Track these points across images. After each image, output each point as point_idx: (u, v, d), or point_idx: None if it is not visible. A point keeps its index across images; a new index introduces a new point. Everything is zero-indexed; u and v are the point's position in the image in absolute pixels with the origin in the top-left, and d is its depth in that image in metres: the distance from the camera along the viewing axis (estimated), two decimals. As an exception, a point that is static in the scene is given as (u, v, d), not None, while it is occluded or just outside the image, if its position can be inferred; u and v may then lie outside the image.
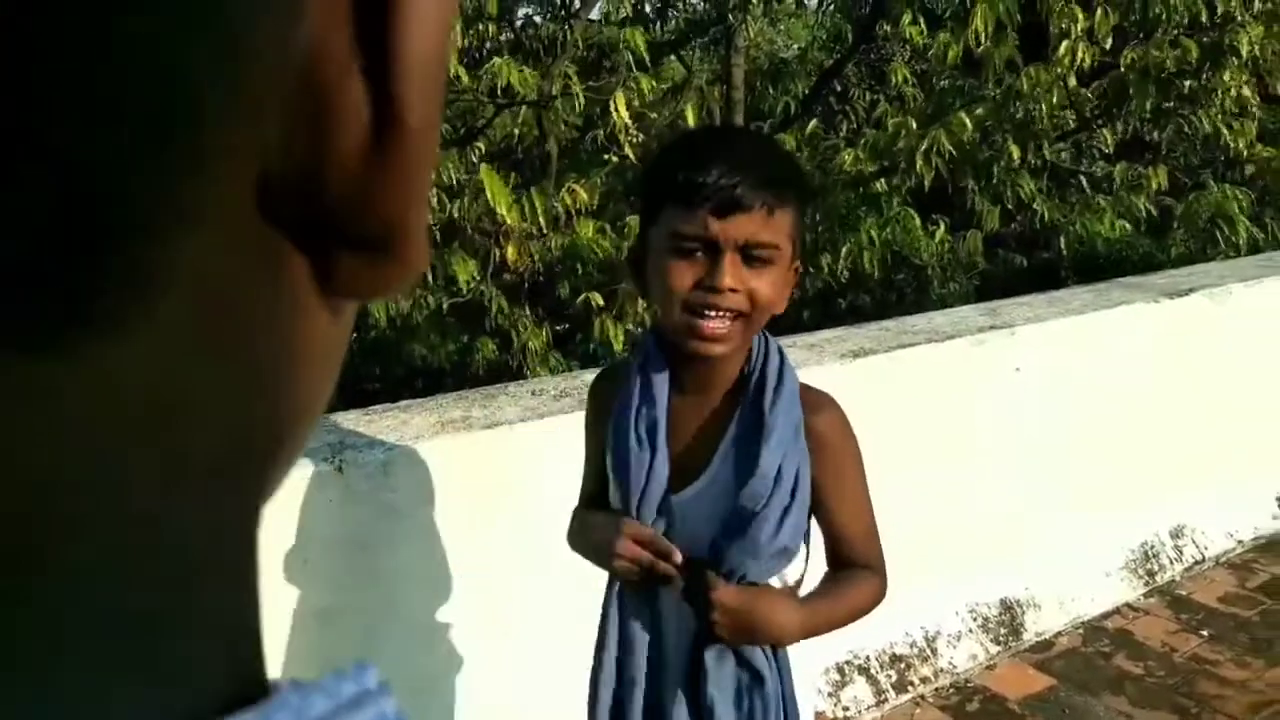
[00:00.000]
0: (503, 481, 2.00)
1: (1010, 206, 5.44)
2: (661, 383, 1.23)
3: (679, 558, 1.17)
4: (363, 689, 0.22)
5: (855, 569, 1.25)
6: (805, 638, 1.20)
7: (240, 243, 0.18)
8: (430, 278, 4.14)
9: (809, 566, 1.29)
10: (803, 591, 1.26)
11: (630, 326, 4.07)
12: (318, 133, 0.18)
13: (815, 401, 1.24)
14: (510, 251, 3.97)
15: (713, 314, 1.12)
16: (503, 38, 4.98)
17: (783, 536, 1.16)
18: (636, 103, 4.09)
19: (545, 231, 3.97)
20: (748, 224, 1.10)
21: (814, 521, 1.27)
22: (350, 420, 2.04)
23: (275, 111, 0.17)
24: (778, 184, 1.12)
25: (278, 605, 1.77)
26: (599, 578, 1.36)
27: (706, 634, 1.17)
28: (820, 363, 2.42)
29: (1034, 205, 5.58)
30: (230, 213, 0.18)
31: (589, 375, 2.40)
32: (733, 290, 1.11)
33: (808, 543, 1.27)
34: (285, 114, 0.18)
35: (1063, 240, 5.73)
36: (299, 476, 1.77)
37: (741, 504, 1.16)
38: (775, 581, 1.21)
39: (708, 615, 1.14)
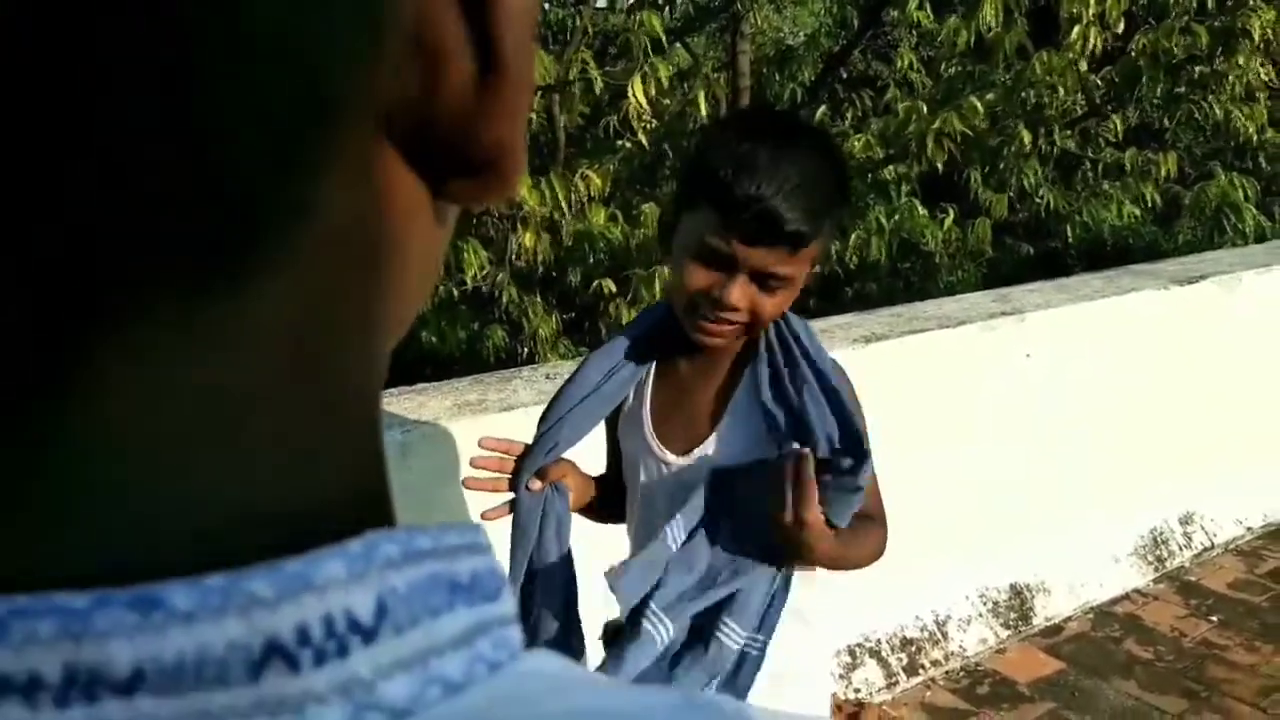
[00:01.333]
0: (518, 464, 2.01)
1: (1012, 195, 5.43)
2: (639, 343, 1.29)
3: (536, 485, 1.25)
4: (467, 542, 0.23)
5: (861, 519, 1.25)
6: (831, 566, 1.20)
7: (367, 177, 0.21)
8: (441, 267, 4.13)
9: None
10: None
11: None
12: (431, 75, 0.20)
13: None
14: (528, 238, 3.97)
15: (713, 320, 1.15)
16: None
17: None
18: (653, 90, 4.07)
19: (564, 217, 3.96)
20: (769, 256, 1.11)
21: None
22: (367, 403, 2.05)
23: (394, 58, 0.20)
24: (813, 219, 1.10)
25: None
26: (614, 554, 1.38)
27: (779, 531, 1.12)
28: (831, 348, 2.39)
29: (1040, 193, 5.57)
30: (358, 152, 0.20)
31: (602, 360, 2.41)
32: (736, 309, 1.14)
33: None
34: (404, 59, 0.20)
35: (1069, 228, 5.71)
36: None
37: (829, 446, 1.14)
38: None
39: (784, 518, 1.09)
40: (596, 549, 1.50)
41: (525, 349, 4.32)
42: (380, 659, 0.19)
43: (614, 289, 4.11)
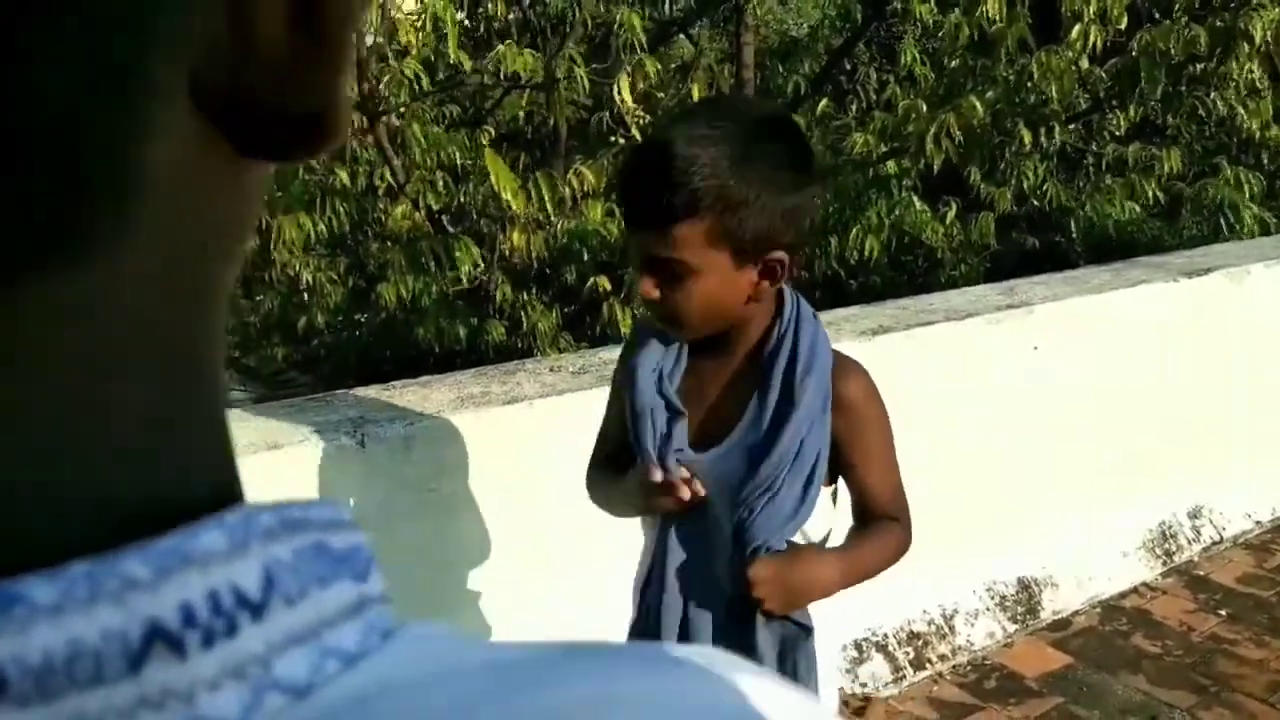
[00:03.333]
0: (521, 456, 1.99)
1: (1012, 194, 5.41)
2: (674, 345, 1.26)
3: (701, 490, 1.18)
4: (334, 517, 0.22)
5: (881, 520, 1.26)
6: (846, 586, 1.21)
7: (183, 136, 0.20)
8: (436, 263, 4.12)
9: (834, 522, 1.29)
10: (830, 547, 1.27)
11: (638, 311, 4.04)
12: (240, 25, 0.19)
13: (843, 366, 1.24)
14: (515, 238, 3.95)
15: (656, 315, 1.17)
16: (510, 16, 4.94)
17: (802, 508, 1.17)
18: (642, 85, 4.06)
19: (551, 219, 3.94)
20: (648, 241, 1.10)
21: (841, 480, 1.28)
22: (371, 395, 2.03)
23: (201, 8, 0.19)
24: (673, 198, 1.05)
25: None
26: (616, 547, 1.36)
27: (754, 606, 1.17)
28: (838, 340, 2.39)
29: (1044, 188, 5.55)
30: (172, 108, 0.19)
31: (607, 353, 2.39)
32: (650, 300, 1.13)
33: (834, 499, 1.27)
34: (211, 9, 0.19)
35: (1073, 223, 5.70)
36: (321, 449, 1.76)
37: (760, 476, 1.16)
38: (799, 538, 1.20)
39: (750, 593, 1.15)
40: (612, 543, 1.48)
41: (524, 344, 4.30)
42: (273, 635, 0.18)
43: (609, 287, 4.09)
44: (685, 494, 1.16)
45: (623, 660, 0.21)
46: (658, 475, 1.18)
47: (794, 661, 1.18)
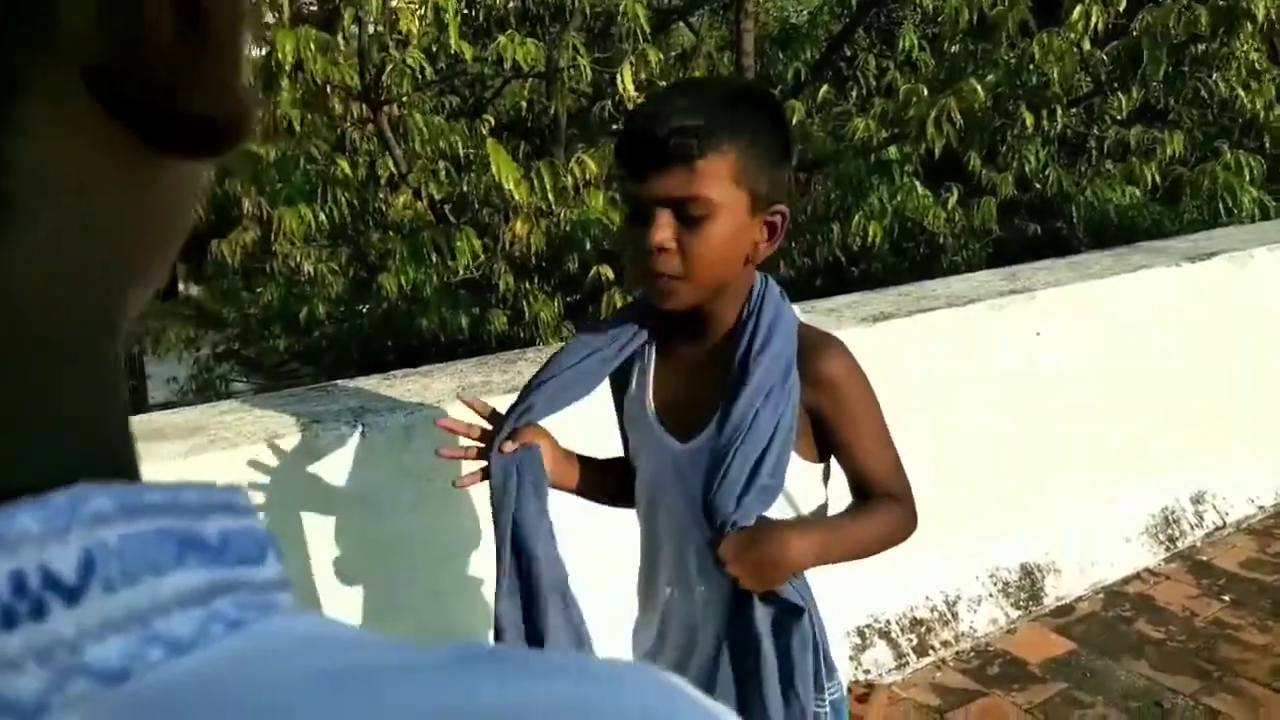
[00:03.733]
0: (524, 446, 1.98)
1: (1013, 178, 5.39)
2: (629, 326, 1.26)
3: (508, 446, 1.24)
4: (219, 502, 0.22)
5: (877, 498, 1.24)
6: (828, 561, 1.19)
7: (74, 133, 0.20)
8: (437, 253, 4.11)
9: (828, 498, 1.28)
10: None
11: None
12: (127, 26, 0.20)
13: (816, 340, 1.21)
14: (518, 227, 3.94)
15: (655, 273, 1.12)
16: (510, 5, 4.92)
17: (760, 478, 1.15)
18: (643, 74, 4.04)
19: (553, 205, 3.92)
20: (668, 181, 1.07)
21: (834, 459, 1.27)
22: (372, 385, 2.02)
23: (78, 9, 0.19)
24: (698, 132, 1.06)
25: (297, 567, 1.76)
26: (619, 536, 1.36)
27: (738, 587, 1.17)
28: (840, 327, 2.40)
29: (1045, 173, 5.52)
30: (59, 105, 0.20)
31: (607, 341, 2.38)
32: (662, 249, 1.09)
33: (827, 478, 1.26)
34: (92, 11, 0.19)
35: (1074, 208, 5.67)
36: (321, 439, 1.76)
37: (716, 453, 1.16)
38: (773, 513, 1.19)
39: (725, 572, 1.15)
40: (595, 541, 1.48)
41: (527, 334, 4.29)
42: (87, 620, 0.18)
43: (611, 276, 4.08)
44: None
45: (512, 669, 0.20)
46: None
47: (787, 642, 1.17)
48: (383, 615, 1.87)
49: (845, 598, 1.31)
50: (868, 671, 2.45)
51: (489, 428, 1.30)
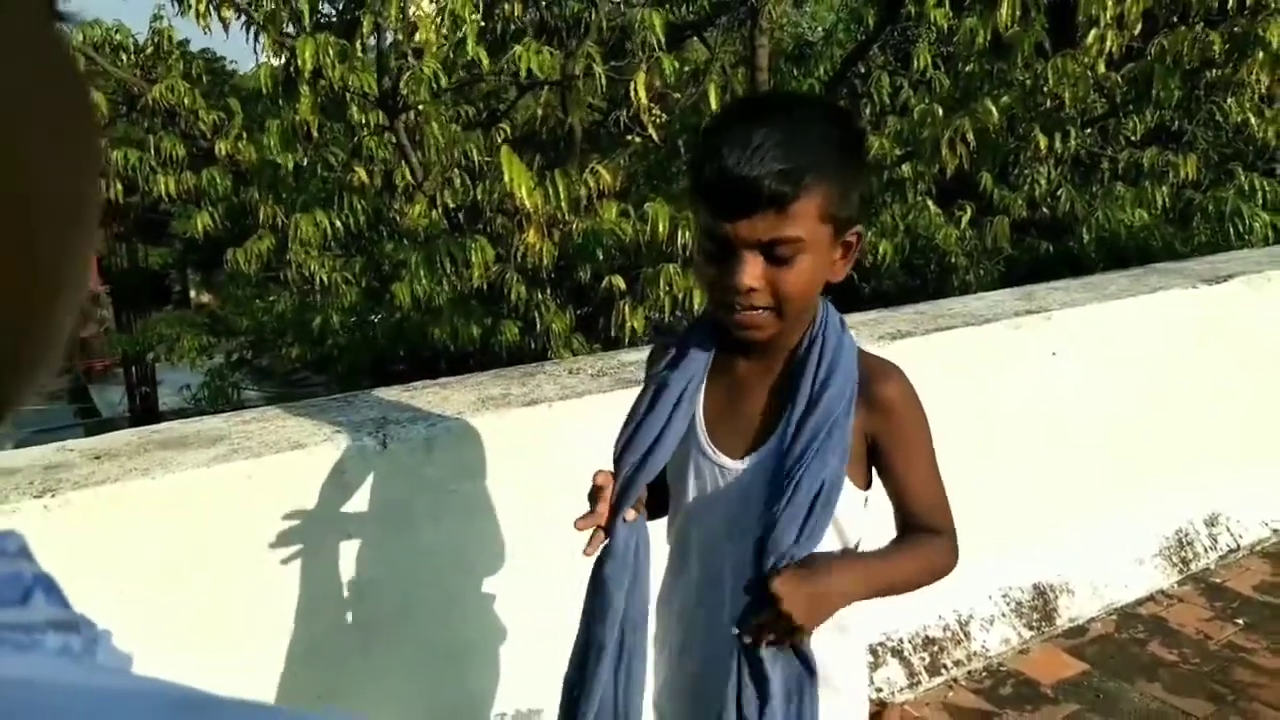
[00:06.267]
0: (541, 457, 1.99)
1: (1025, 200, 5.39)
2: (699, 355, 1.24)
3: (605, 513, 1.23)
4: None
5: (921, 532, 1.23)
6: (874, 595, 1.17)
7: None
8: (450, 262, 4.12)
9: (866, 528, 1.27)
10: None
11: (650, 313, 4.03)
12: None
13: (876, 367, 1.21)
14: (531, 236, 3.95)
15: (740, 309, 1.12)
16: (527, 17, 4.95)
17: (820, 507, 1.14)
18: (659, 84, 4.06)
19: (567, 217, 3.93)
20: (759, 224, 1.07)
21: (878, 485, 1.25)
22: (392, 395, 2.03)
23: None
24: (790, 176, 1.05)
25: (318, 576, 1.77)
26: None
27: (781, 631, 1.12)
28: (857, 344, 2.40)
29: (1058, 193, 5.53)
30: None
31: (625, 355, 2.39)
32: (753, 289, 1.09)
33: (864, 503, 1.26)
34: None
35: (1085, 229, 5.67)
36: (344, 450, 1.76)
37: (775, 477, 1.15)
38: (824, 546, 1.18)
39: (777, 612, 1.09)
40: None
41: (539, 345, 4.30)
42: None
43: (624, 287, 4.08)
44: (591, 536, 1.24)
45: None
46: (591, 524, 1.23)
47: (799, 706, 1.14)
48: (400, 623, 1.88)
49: (860, 615, 1.29)
50: (880, 690, 2.45)
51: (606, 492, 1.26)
